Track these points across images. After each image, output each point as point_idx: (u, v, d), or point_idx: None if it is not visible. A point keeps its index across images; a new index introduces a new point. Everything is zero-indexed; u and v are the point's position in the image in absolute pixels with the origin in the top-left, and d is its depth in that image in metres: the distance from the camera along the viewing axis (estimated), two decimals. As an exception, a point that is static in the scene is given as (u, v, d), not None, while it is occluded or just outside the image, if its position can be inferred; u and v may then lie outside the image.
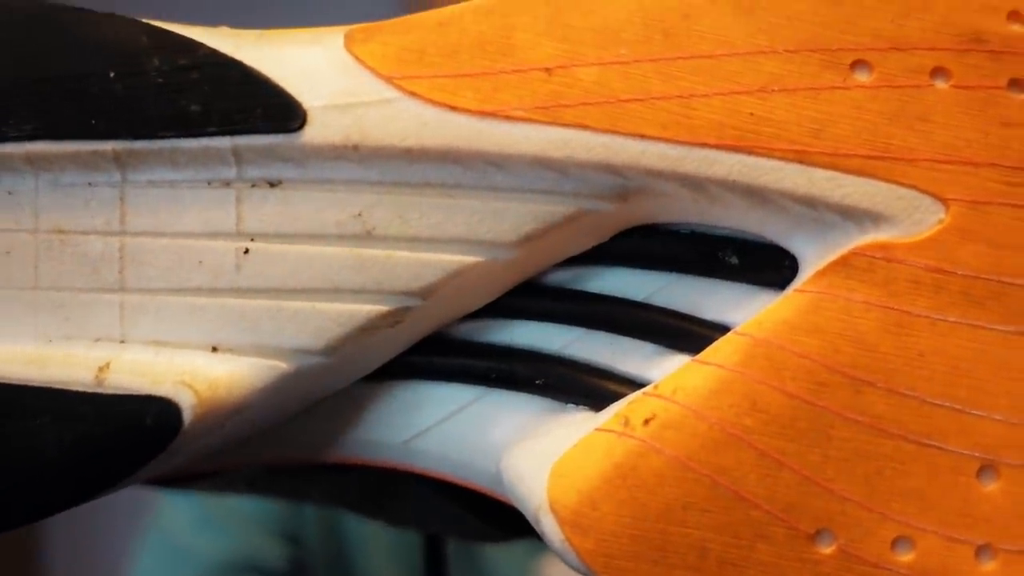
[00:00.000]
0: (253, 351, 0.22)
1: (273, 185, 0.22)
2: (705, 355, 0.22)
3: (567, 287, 0.24)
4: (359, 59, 0.22)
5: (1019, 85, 0.22)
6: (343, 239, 0.22)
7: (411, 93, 0.22)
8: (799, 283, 0.22)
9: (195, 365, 0.22)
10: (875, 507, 0.21)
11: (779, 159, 0.21)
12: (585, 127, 0.21)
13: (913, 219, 0.21)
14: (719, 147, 0.21)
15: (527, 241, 0.22)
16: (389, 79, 0.22)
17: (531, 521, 0.22)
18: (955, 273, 0.21)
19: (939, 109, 0.22)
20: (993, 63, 0.22)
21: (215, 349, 0.22)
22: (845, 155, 0.21)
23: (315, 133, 0.22)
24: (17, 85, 0.21)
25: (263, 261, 0.22)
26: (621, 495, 0.21)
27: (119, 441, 0.22)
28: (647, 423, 0.21)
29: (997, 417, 0.21)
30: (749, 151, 0.21)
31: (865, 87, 0.22)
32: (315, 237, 0.22)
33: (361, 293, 0.22)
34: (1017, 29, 0.22)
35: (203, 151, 0.22)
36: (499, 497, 0.24)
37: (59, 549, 1.18)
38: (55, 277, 0.22)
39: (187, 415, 0.22)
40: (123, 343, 0.22)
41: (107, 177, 0.22)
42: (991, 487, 0.21)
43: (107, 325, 0.22)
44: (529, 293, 0.24)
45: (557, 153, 0.22)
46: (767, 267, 0.23)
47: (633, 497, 0.21)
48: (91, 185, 0.22)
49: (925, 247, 0.21)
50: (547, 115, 0.21)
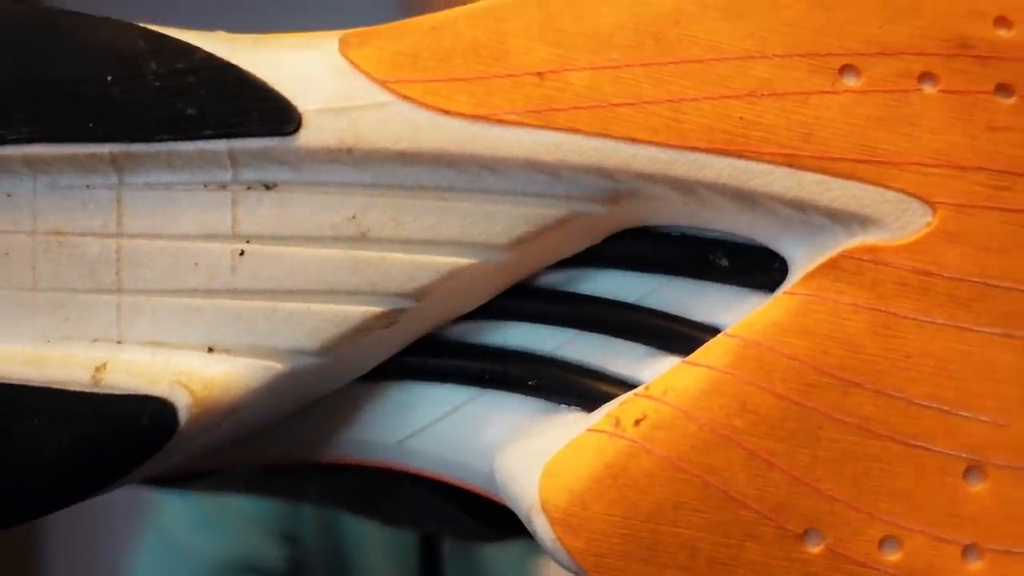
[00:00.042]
0: (249, 352, 0.22)
1: (269, 188, 0.22)
2: (695, 356, 0.22)
3: (559, 289, 0.24)
4: (354, 63, 0.22)
5: (1006, 90, 0.22)
6: (338, 241, 0.22)
7: (405, 97, 0.22)
8: (788, 285, 0.22)
9: (191, 365, 0.22)
10: (863, 507, 0.21)
11: (768, 163, 0.22)
12: (577, 131, 0.22)
13: (901, 222, 0.22)
14: (709, 151, 0.22)
15: (520, 243, 0.22)
16: (383, 83, 0.22)
17: (523, 520, 0.22)
18: (942, 276, 0.22)
19: (927, 113, 0.22)
20: (980, 68, 0.22)
21: (211, 350, 0.22)
22: (834, 159, 0.22)
23: (310, 136, 0.22)
24: (15, 88, 0.22)
25: (259, 263, 0.22)
26: (612, 495, 0.21)
27: (116, 440, 0.22)
28: (638, 424, 0.21)
29: (984, 418, 0.22)
30: (739, 155, 0.22)
31: (854, 91, 0.22)
32: (310, 239, 0.22)
33: (356, 294, 0.22)
34: (1004, 34, 0.22)
35: (199, 154, 0.22)
36: (493, 497, 0.24)
37: (58, 549, 1.18)
38: (53, 278, 0.22)
39: (183, 415, 0.22)
40: (120, 343, 0.22)
41: (104, 179, 0.22)
42: (978, 487, 0.22)
43: (104, 326, 0.22)
44: (522, 295, 0.24)
45: (549, 156, 0.22)
46: (757, 269, 0.23)
47: (624, 497, 0.21)
48: (89, 187, 0.22)
49: (912, 250, 0.22)
50: (539, 119, 0.22)
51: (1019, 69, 0.22)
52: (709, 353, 0.22)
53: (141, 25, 0.22)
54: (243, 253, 0.22)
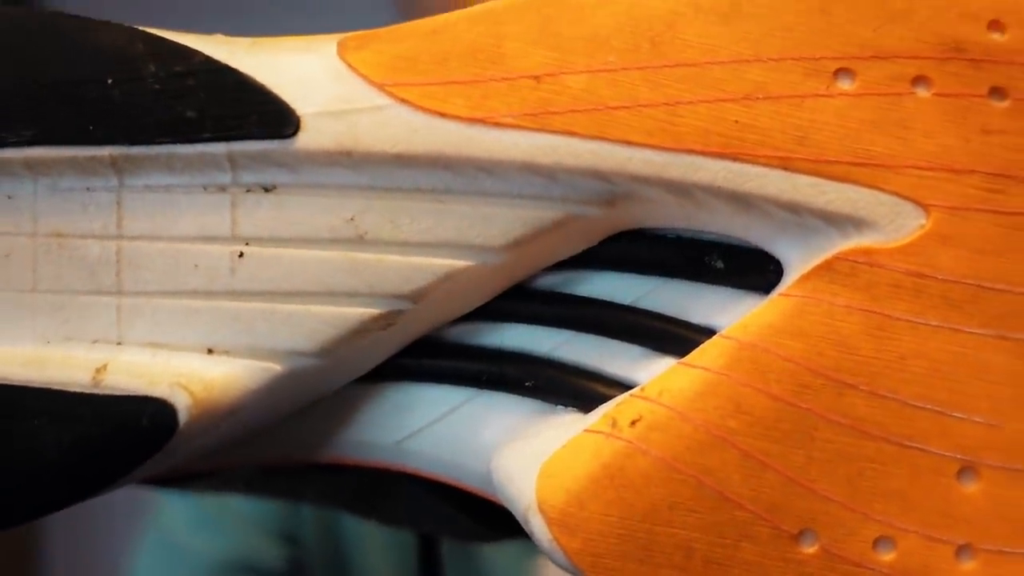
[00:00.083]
0: (248, 353, 0.22)
1: (267, 190, 0.22)
2: (691, 358, 0.22)
3: (556, 291, 0.24)
4: (352, 66, 0.22)
5: (999, 93, 0.22)
6: (336, 243, 0.22)
7: (402, 100, 0.22)
8: (783, 287, 0.22)
9: (191, 367, 0.22)
10: (857, 507, 0.22)
11: (763, 165, 0.22)
12: (573, 134, 0.22)
13: (895, 225, 0.22)
14: (704, 153, 0.22)
15: (516, 245, 0.23)
16: (381, 86, 0.22)
17: (520, 521, 0.22)
18: (935, 278, 0.22)
19: (921, 116, 0.22)
20: (974, 71, 0.22)
21: (210, 351, 0.22)
22: (828, 161, 0.22)
23: (308, 139, 0.22)
24: (17, 91, 0.22)
25: (257, 265, 0.22)
26: (608, 495, 0.21)
27: (116, 441, 0.22)
28: (634, 424, 0.22)
29: (977, 419, 0.22)
30: (734, 157, 0.22)
31: (848, 95, 0.22)
32: (308, 241, 0.22)
33: (353, 296, 0.22)
34: (997, 38, 0.22)
35: (199, 157, 0.22)
36: (490, 497, 0.24)
37: (58, 549, 1.19)
38: (53, 280, 0.22)
39: (183, 416, 0.22)
40: (120, 345, 0.22)
41: (104, 182, 0.22)
42: (971, 488, 0.22)
43: (104, 327, 0.22)
44: (519, 297, 0.24)
45: (545, 159, 0.22)
46: (752, 271, 0.23)
47: (620, 497, 0.21)
48: (89, 190, 0.22)
49: (906, 252, 0.22)
50: (536, 122, 0.22)
51: (1012, 72, 0.22)
52: (704, 355, 0.22)
53: (140, 28, 0.22)
54: (242, 255, 0.22)
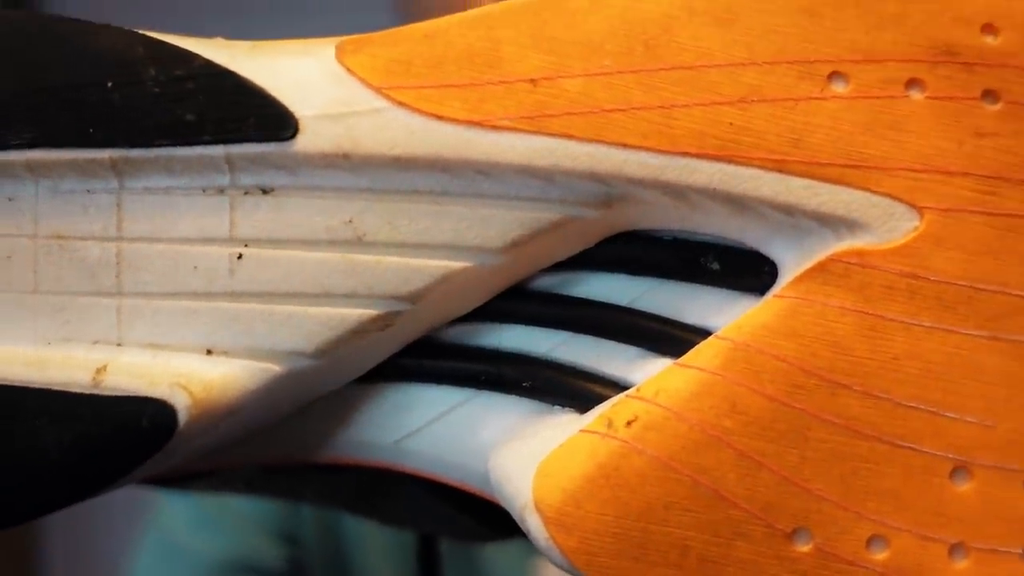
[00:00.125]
0: (247, 354, 0.23)
1: (266, 192, 0.23)
2: (687, 359, 0.22)
3: (553, 292, 0.24)
4: (350, 70, 0.22)
5: (992, 96, 0.22)
6: (334, 245, 0.22)
7: (400, 103, 0.22)
8: (778, 288, 0.22)
9: (190, 367, 0.22)
10: (851, 506, 0.22)
11: (758, 168, 0.22)
12: (570, 136, 0.22)
13: (888, 226, 0.22)
14: (699, 156, 0.22)
15: (514, 247, 0.23)
16: (379, 89, 0.22)
17: (517, 520, 0.22)
18: (929, 279, 0.22)
19: (914, 119, 0.22)
20: (967, 75, 0.22)
21: (210, 352, 0.23)
22: (822, 164, 0.22)
23: (307, 142, 0.22)
24: (17, 94, 0.22)
25: (256, 266, 0.23)
26: (604, 494, 0.22)
27: (116, 441, 0.22)
28: (630, 424, 0.22)
29: (970, 419, 0.22)
30: (729, 160, 0.22)
31: (841, 98, 0.22)
32: (307, 243, 0.22)
33: (352, 297, 0.23)
34: (990, 41, 0.22)
35: (198, 159, 0.22)
36: (488, 497, 0.24)
37: (58, 549, 1.19)
38: (54, 281, 0.23)
39: (182, 416, 0.22)
40: (120, 346, 0.23)
41: (105, 184, 0.22)
42: (964, 487, 0.22)
43: (104, 328, 0.23)
44: (516, 297, 0.24)
45: (543, 162, 0.22)
46: (747, 273, 0.23)
47: (616, 496, 0.22)
48: (89, 192, 0.22)
49: (900, 253, 0.22)
50: (532, 125, 0.22)
51: (1005, 75, 0.22)
52: (700, 355, 0.22)
53: (140, 32, 0.22)
54: (241, 256, 0.22)
